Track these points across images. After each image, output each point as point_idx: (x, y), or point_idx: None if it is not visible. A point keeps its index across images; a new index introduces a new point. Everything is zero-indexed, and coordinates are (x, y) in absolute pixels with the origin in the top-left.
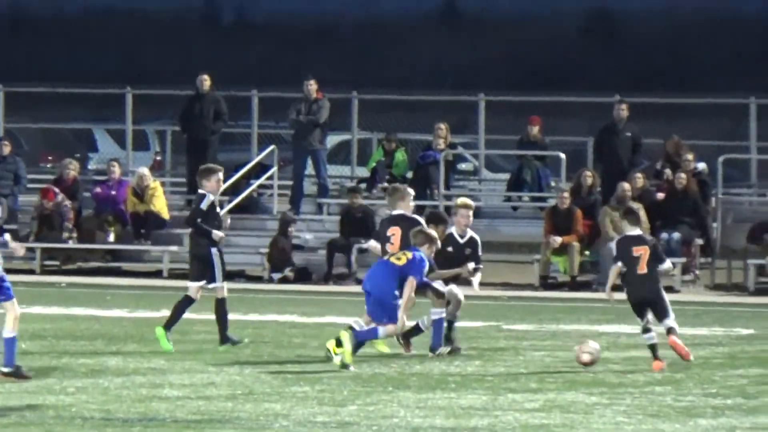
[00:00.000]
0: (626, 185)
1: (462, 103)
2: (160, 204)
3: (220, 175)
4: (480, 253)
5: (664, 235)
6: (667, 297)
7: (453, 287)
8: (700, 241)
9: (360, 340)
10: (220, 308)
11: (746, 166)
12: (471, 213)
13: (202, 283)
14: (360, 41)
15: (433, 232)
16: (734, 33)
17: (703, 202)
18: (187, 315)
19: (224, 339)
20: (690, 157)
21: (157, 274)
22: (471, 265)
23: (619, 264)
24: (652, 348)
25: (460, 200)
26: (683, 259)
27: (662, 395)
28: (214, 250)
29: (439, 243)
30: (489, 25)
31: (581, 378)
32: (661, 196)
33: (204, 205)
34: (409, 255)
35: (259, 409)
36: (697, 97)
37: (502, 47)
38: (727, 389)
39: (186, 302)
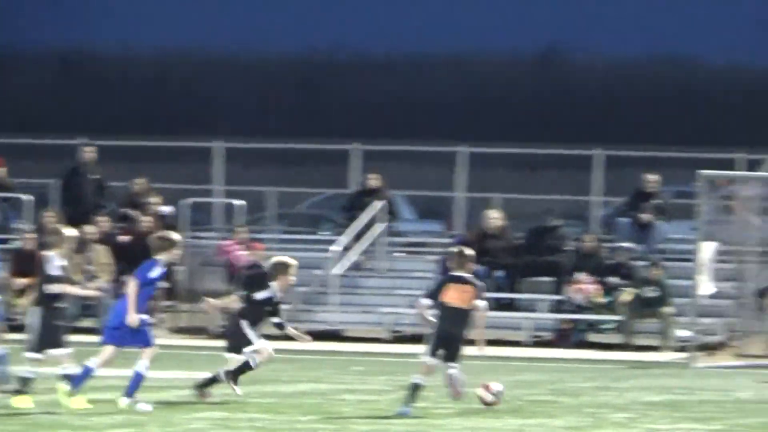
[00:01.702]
0: (89, 228)
1: None
2: None
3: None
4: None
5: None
6: None
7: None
8: (165, 284)
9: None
10: None
11: (211, 209)
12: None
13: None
14: None
15: (172, 235)
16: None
17: None
18: None
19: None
20: (155, 200)
21: None
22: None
23: None
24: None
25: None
26: None
27: None
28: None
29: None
30: None
31: (73, 422)
32: (125, 238)
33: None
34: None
35: None
36: (165, 140)
37: None
38: None
39: None
